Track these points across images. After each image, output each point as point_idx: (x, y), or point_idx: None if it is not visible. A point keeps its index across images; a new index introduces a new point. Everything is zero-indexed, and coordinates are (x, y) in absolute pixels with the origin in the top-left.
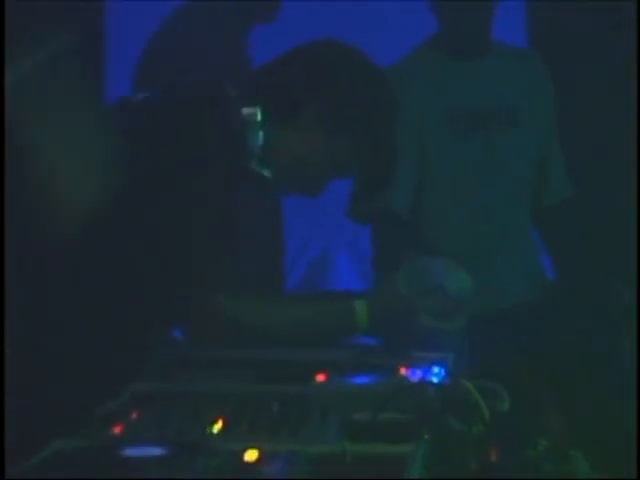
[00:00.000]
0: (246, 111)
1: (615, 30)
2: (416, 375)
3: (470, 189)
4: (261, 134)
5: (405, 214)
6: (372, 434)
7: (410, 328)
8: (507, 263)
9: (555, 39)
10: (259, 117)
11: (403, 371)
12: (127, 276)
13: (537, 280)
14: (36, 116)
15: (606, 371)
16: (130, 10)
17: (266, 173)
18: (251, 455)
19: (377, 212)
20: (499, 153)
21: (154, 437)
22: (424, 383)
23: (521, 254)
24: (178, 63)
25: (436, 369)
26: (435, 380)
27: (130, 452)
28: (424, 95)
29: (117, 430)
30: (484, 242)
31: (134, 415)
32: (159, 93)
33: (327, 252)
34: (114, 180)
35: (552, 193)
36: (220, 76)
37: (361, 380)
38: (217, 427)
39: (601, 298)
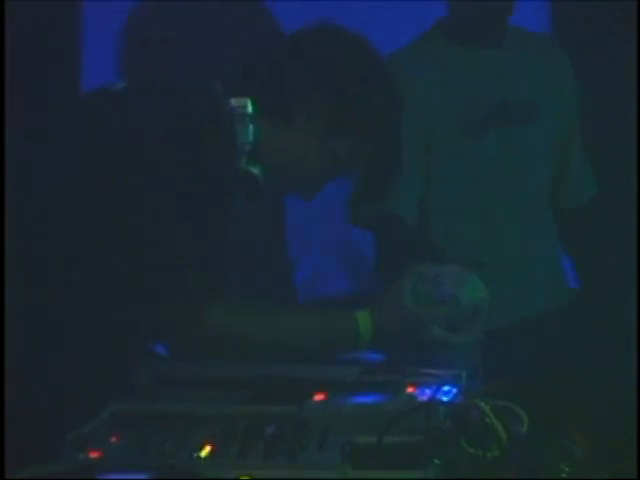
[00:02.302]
0: (235, 103)
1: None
2: (425, 394)
3: (484, 190)
4: (252, 129)
5: (412, 219)
6: (376, 459)
7: (418, 342)
8: (526, 271)
9: (578, 27)
10: (249, 110)
11: (410, 390)
12: (107, 285)
13: (559, 289)
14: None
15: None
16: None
17: (256, 172)
18: None
19: (381, 217)
20: (515, 150)
21: (135, 462)
22: (434, 403)
23: (541, 260)
24: (161, 54)
25: (447, 387)
26: (446, 399)
27: (108, 478)
28: (431, 87)
29: (94, 454)
30: (500, 248)
31: (113, 438)
32: (140, 85)
33: (325, 259)
34: (93, 181)
35: (574, 193)
36: (207, 68)
37: (364, 400)
38: (205, 451)
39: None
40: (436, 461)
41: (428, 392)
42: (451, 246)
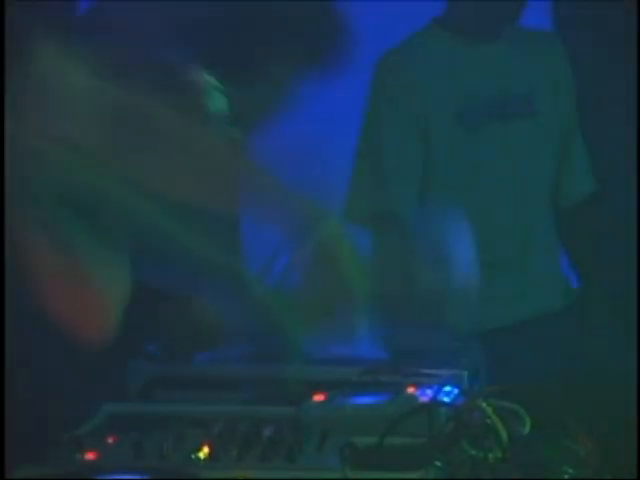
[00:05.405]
0: (196, 74)
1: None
2: (426, 395)
3: (483, 187)
4: (221, 97)
5: (410, 217)
6: (376, 461)
7: (417, 337)
8: (527, 270)
9: (578, 27)
10: (214, 80)
11: (411, 390)
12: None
13: (561, 289)
14: None
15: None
16: None
17: (235, 134)
18: None
19: (379, 215)
20: (514, 146)
21: (132, 464)
22: (435, 403)
23: (543, 259)
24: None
25: (448, 388)
26: (447, 400)
27: (106, 479)
28: (430, 82)
29: (90, 456)
30: (500, 247)
31: (110, 439)
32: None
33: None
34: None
35: (572, 190)
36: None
37: (364, 400)
38: (203, 453)
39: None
40: (437, 463)
41: (429, 393)
42: (450, 245)
